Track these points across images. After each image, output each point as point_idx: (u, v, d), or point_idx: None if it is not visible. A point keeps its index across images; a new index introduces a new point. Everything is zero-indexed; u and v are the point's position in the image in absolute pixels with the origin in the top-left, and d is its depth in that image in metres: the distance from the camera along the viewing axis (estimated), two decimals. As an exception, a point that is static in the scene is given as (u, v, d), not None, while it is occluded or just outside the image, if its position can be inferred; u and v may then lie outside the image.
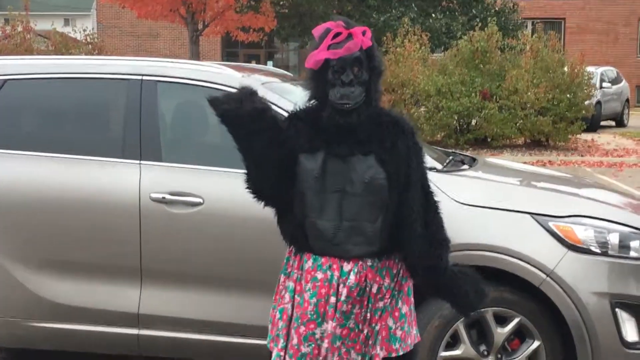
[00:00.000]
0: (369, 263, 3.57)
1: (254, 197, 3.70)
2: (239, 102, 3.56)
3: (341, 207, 3.55)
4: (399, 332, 3.65)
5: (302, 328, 3.59)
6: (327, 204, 3.55)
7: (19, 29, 24.02)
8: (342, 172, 3.56)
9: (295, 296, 3.66)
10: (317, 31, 3.65)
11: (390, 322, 3.64)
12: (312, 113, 3.66)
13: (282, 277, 3.77)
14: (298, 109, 3.76)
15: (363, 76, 3.57)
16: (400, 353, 3.65)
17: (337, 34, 3.57)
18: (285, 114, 3.89)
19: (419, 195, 3.60)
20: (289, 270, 3.73)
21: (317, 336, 3.59)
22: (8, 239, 5.17)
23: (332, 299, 3.58)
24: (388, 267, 3.62)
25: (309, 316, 3.59)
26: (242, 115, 3.54)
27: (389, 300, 3.64)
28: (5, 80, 5.46)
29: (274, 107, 4.80)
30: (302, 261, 3.67)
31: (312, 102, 3.67)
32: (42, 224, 5.16)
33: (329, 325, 3.58)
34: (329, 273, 3.58)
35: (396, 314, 3.66)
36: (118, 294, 5.10)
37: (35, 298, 5.15)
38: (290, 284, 3.69)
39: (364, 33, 3.59)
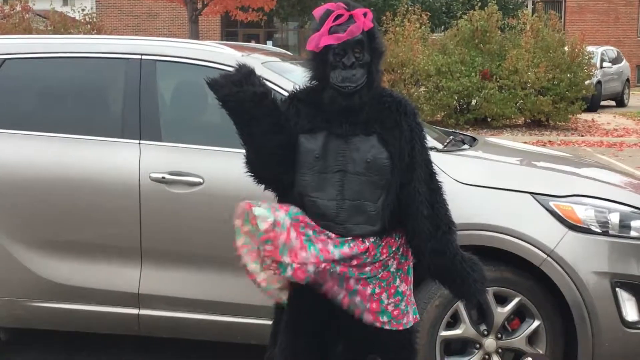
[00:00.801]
0: (372, 240, 3.56)
1: (255, 181, 3.71)
2: (239, 85, 3.53)
3: (343, 187, 3.53)
4: (390, 308, 3.63)
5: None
6: (328, 184, 3.54)
7: (18, 8, 23.97)
8: (344, 151, 3.54)
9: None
10: (317, 12, 3.65)
11: (384, 297, 3.62)
12: (313, 93, 3.64)
13: None
14: (298, 89, 3.74)
15: (364, 58, 3.55)
16: (387, 327, 3.63)
17: (339, 16, 3.56)
18: (286, 94, 3.87)
19: (424, 177, 3.59)
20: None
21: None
22: (7, 219, 5.17)
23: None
24: (388, 244, 3.61)
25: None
26: (243, 99, 3.52)
27: (381, 272, 3.62)
28: (4, 60, 5.44)
29: (274, 86, 4.82)
30: None
31: (312, 82, 3.65)
32: (41, 204, 5.15)
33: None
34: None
35: (392, 290, 3.64)
36: (118, 274, 5.10)
37: (35, 278, 5.15)
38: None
39: (365, 15, 3.57)
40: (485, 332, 4.76)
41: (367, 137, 3.55)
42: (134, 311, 5.11)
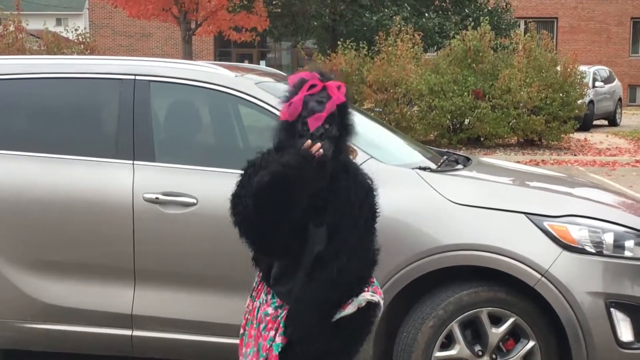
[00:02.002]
0: None
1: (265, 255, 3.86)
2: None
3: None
4: None
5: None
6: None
7: (11, 28, 23.96)
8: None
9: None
10: (292, 80, 3.70)
11: None
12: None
13: (248, 300, 4.00)
14: (261, 157, 3.71)
15: (333, 132, 3.60)
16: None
17: (313, 86, 3.60)
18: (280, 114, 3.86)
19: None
20: (255, 294, 3.95)
21: None
22: (0, 240, 5.14)
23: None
24: None
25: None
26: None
27: None
28: (-3, 81, 5.43)
29: (268, 107, 4.83)
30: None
31: (278, 151, 3.64)
32: (35, 224, 5.14)
33: None
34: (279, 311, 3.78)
35: None
36: (111, 295, 5.08)
37: (28, 299, 5.12)
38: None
39: (338, 88, 3.61)
40: (480, 353, 4.75)
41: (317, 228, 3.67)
42: (128, 332, 5.09)
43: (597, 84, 26.51)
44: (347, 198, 3.65)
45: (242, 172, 3.72)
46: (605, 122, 28.31)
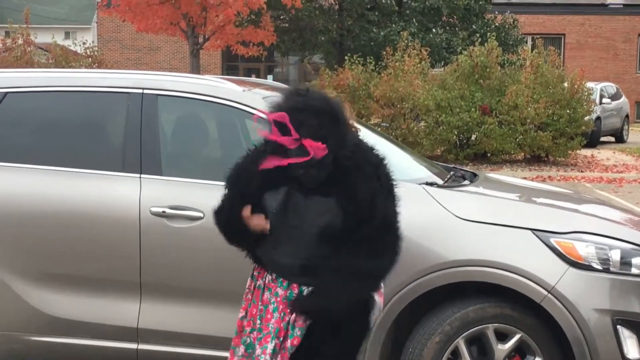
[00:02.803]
0: None
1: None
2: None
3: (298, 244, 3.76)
4: None
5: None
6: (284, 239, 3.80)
7: (20, 41, 24.06)
8: (301, 209, 3.74)
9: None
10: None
11: None
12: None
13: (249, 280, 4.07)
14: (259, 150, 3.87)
15: (324, 167, 3.71)
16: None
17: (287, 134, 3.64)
18: None
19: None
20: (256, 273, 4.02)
21: None
22: (7, 252, 5.15)
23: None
24: None
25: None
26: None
27: None
28: (6, 93, 5.44)
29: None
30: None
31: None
32: (41, 237, 5.14)
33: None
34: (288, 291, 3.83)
35: None
36: (117, 308, 5.08)
37: (33, 312, 5.12)
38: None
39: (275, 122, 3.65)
40: (486, 369, 4.74)
41: (325, 197, 3.75)
42: (133, 346, 5.08)
43: (604, 100, 26.49)
44: (358, 169, 3.73)
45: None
46: (612, 139, 28.28)
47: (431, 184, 5.10)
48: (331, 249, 3.71)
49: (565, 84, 20.19)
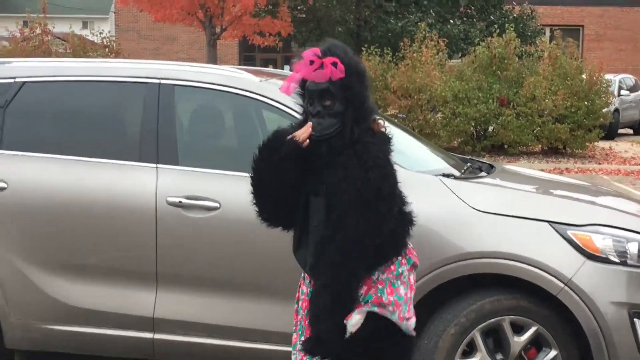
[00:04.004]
0: None
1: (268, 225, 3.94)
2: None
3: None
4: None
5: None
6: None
7: (38, 31, 24.15)
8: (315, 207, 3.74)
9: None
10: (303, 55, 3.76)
11: None
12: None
13: (300, 280, 3.99)
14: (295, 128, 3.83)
15: (335, 107, 3.63)
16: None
17: (311, 62, 3.65)
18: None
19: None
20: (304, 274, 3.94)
21: None
22: (25, 242, 5.18)
23: None
24: None
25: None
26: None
27: None
28: (24, 83, 5.46)
29: (291, 112, 4.82)
30: None
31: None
32: (58, 226, 5.16)
33: None
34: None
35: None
36: (133, 298, 5.09)
37: (51, 301, 5.15)
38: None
39: (334, 64, 3.61)
40: (502, 362, 4.73)
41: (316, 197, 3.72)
42: (149, 335, 5.10)
43: (622, 92, 26.36)
44: (345, 170, 3.62)
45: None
46: (630, 131, 28.15)
47: (448, 176, 5.08)
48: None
49: (584, 76, 20.09)
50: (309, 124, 3.68)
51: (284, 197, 3.77)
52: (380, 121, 3.82)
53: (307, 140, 3.65)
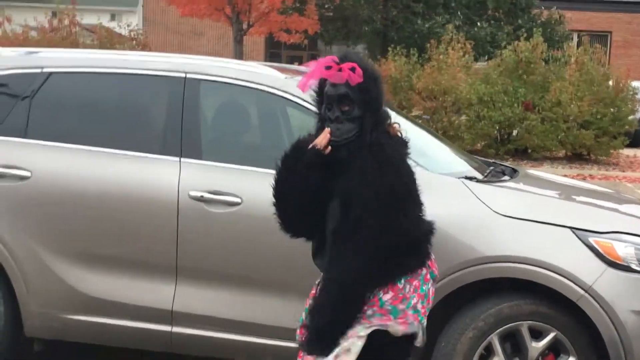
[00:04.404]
0: None
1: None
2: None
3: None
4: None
5: None
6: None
7: (66, 22, 24.23)
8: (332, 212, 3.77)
9: None
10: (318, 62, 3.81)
11: None
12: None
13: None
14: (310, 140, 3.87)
15: (354, 112, 3.68)
16: None
17: (328, 67, 3.68)
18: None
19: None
20: None
21: None
22: (47, 231, 5.21)
23: None
24: None
25: None
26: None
27: None
28: (50, 73, 5.49)
29: (316, 110, 4.81)
30: None
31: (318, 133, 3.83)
32: (80, 217, 5.19)
33: None
34: None
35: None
36: (153, 290, 5.11)
37: (71, 291, 5.17)
38: None
39: (353, 70, 3.64)
40: (519, 367, 4.71)
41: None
42: (167, 328, 5.11)
43: (648, 100, 26.13)
44: (361, 171, 3.65)
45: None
46: (656, 140, 27.92)
47: (471, 179, 5.07)
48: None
49: (610, 83, 19.96)
50: (327, 130, 3.72)
51: (308, 206, 3.81)
52: (396, 125, 3.85)
53: (329, 147, 3.68)
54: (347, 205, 3.66)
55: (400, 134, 3.87)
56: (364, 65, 3.74)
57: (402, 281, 3.78)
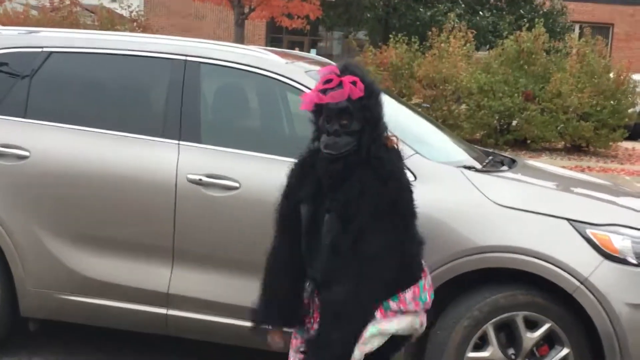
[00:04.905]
0: None
1: None
2: None
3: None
4: None
5: None
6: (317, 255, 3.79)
7: (67, 2, 24.16)
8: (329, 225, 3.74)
9: None
10: (320, 72, 3.84)
11: None
12: (314, 157, 3.82)
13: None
14: (305, 154, 3.92)
15: (352, 126, 3.67)
16: None
17: (329, 80, 3.68)
18: None
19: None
20: None
21: None
22: (44, 212, 5.21)
23: None
24: None
25: None
26: None
27: None
28: (51, 53, 5.48)
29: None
30: None
31: (315, 144, 3.82)
32: (78, 197, 5.19)
33: None
34: None
35: None
36: (149, 273, 5.11)
37: (68, 271, 5.18)
38: None
39: (354, 83, 3.64)
40: (513, 357, 4.71)
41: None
42: (163, 311, 5.12)
43: (649, 93, 26.11)
44: (361, 184, 3.67)
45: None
46: (655, 133, 27.90)
47: (469, 168, 5.07)
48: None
49: (611, 75, 19.94)
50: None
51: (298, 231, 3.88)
52: (393, 138, 3.86)
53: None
54: (346, 219, 3.66)
55: (397, 146, 3.87)
56: (365, 79, 3.73)
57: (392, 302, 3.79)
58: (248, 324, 4.49)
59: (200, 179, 4.99)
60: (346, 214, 3.66)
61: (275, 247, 4.01)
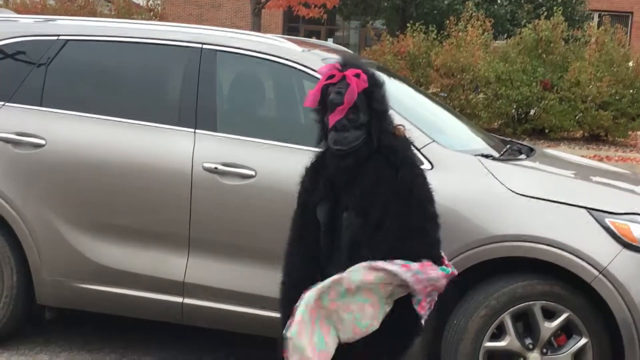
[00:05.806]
0: None
1: None
2: None
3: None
4: None
5: None
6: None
7: (84, -9, 24.21)
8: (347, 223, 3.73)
9: None
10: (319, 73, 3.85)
11: None
12: (323, 158, 3.83)
13: None
14: (314, 158, 3.91)
15: (360, 119, 3.65)
16: None
17: (331, 76, 3.66)
18: None
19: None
20: None
21: None
22: (60, 200, 5.21)
23: None
24: None
25: None
26: None
27: None
28: (67, 41, 5.48)
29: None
30: None
31: (322, 144, 3.83)
32: (93, 186, 5.18)
33: None
34: None
35: None
36: (165, 261, 5.11)
37: (83, 259, 5.18)
38: None
39: (357, 75, 3.61)
40: (531, 346, 4.68)
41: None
42: (178, 299, 5.11)
43: (668, 82, 25.94)
44: (376, 174, 3.66)
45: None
46: (675, 122, 27.71)
47: (487, 156, 5.03)
48: None
49: (630, 64, 19.84)
50: None
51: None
52: (401, 127, 3.84)
53: None
54: (365, 212, 3.65)
55: (405, 135, 3.84)
56: (367, 70, 3.72)
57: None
58: (264, 312, 4.49)
59: (216, 168, 4.98)
60: (364, 207, 3.64)
61: (292, 255, 4.00)
